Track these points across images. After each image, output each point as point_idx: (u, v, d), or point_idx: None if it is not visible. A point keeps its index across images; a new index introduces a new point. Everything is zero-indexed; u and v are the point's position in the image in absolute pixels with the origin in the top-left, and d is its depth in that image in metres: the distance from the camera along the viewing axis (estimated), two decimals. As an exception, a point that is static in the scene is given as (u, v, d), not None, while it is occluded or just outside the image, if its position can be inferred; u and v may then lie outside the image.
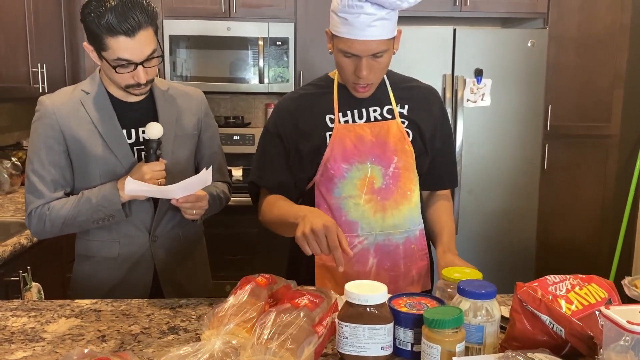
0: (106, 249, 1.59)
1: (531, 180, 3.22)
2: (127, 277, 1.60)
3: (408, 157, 1.50)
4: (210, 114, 1.73)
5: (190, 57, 3.38)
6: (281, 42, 3.38)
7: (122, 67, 1.42)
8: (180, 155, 1.61)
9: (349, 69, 1.42)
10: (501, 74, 3.09)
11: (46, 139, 1.51)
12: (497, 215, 3.21)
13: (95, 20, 1.36)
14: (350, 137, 1.48)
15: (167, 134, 1.54)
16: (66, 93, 1.55)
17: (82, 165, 1.53)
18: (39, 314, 1.34)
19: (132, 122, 1.56)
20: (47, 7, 2.98)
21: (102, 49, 1.41)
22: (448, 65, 3.07)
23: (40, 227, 1.52)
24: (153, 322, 1.29)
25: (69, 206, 1.50)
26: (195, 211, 1.49)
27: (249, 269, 3.48)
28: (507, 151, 3.18)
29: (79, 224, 1.52)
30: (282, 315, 1.06)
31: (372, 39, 1.36)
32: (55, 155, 1.51)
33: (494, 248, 3.23)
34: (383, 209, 1.49)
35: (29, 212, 1.52)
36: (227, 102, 3.88)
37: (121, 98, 1.56)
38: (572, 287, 1.09)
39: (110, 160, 1.52)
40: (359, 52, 1.37)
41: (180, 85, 1.70)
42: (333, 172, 1.48)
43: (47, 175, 1.51)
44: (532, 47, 3.08)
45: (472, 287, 1.08)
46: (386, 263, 1.51)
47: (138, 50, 1.40)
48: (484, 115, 3.11)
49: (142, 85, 1.47)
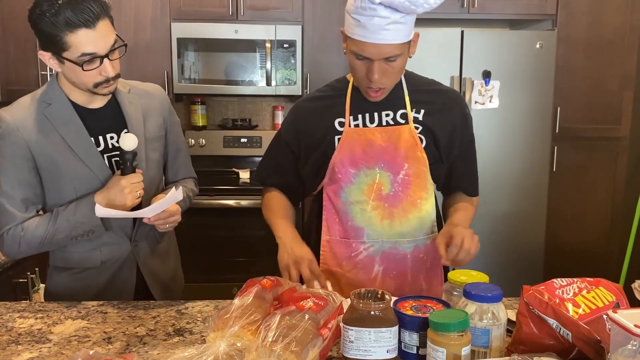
0: (87, 260, 1.53)
1: (540, 183, 3.20)
2: (111, 283, 1.56)
3: (420, 164, 1.46)
4: (172, 110, 1.67)
5: (198, 59, 3.39)
6: (288, 44, 3.39)
7: (88, 63, 1.35)
8: (152, 158, 1.57)
9: (361, 72, 1.39)
10: (509, 75, 3.08)
11: (13, 158, 1.42)
12: (505, 217, 3.19)
13: (51, 19, 1.29)
14: (359, 141, 1.45)
15: (139, 139, 1.48)
16: (25, 105, 1.46)
17: (54, 180, 1.47)
18: (45, 315, 1.34)
19: (99, 129, 1.50)
20: (57, 10, 3.00)
21: (62, 49, 1.33)
22: (456, 67, 3.06)
23: (14, 249, 1.46)
24: (159, 324, 1.29)
25: (45, 225, 1.43)
26: (168, 225, 1.47)
27: (256, 271, 3.47)
28: (516, 153, 3.16)
29: (57, 242, 1.46)
30: (286, 317, 1.05)
31: (385, 42, 1.31)
32: (24, 173, 1.43)
33: (502, 251, 3.21)
34: (390, 216, 1.46)
35: (0, 234, 1.44)
36: (235, 105, 3.88)
37: (84, 104, 1.49)
38: (580, 290, 1.08)
39: (84, 173, 1.46)
40: (371, 56, 1.34)
41: (140, 83, 1.64)
42: (340, 177, 1.46)
43: (17, 195, 1.43)
44: (540, 49, 3.07)
45: (478, 290, 1.08)
46: (392, 271, 1.49)
47: (101, 41, 1.34)
48: (492, 117, 3.10)
49: (110, 81, 1.41)
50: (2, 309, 1.38)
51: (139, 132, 1.52)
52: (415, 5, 1.28)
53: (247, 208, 3.27)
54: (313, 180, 1.54)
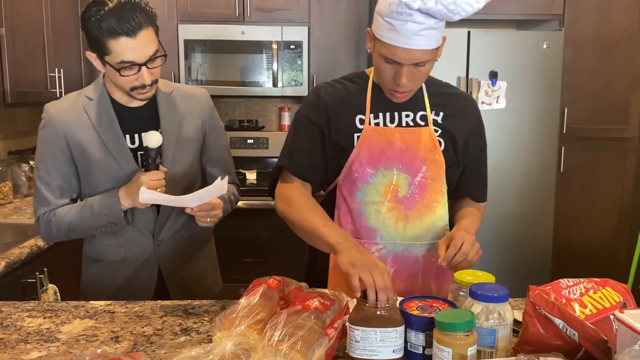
0: (112, 253, 1.61)
1: (547, 184, 3.19)
2: (133, 280, 1.61)
3: (438, 167, 1.45)
4: (215, 115, 1.71)
5: (205, 61, 3.40)
6: (295, 45, 3.39)
7: (126, 70, 1.42)
8: (183, 159, 1.61)
9: (388, 75, 1.36)
10: (516, 76, 3.07)
11: (51, 147, 1.53)
12: (512, 218, 3.18)
13: (96, 24, 1.37)
14: (379, 141, 1.43)
15: (169, 139, 1.55)
16: (70, 100, 1.56)
17: (86, 172, 1.55)
18: (54, 314, 1.35)
19: (134, 127, 1.57)
20: (64, 13, 3.03)
21: (104, 53, 1.41)
22: (462, 67, 3.05)
23: (48, 233, 1.56)
24: (166, 324, 1.30)
25: (73, 213, 1.52)
26: (209, 219, 1.50)
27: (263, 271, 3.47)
28: (523, 154, 3.15)
29: (82, 230, 1.55)
30: (292, 317, 1.06)
31: (417, 48, 1.29)
32: (59, 162, 1.53)
33: (509, 252, 3.20)
34: (405, 218, 1.44)
35: (37, 218, 1.56)
36: (241, 106, 3.90)
37: (125, 103, 1.56)
38: (586, 290, 1.08)
39: (112, 166, 1.53)
40: (401, 60, 1.31)
41: (185, 86, 1.70)
42: (357, 176, 1.43)
43: (53, 182, 1.53)
44: (547, 49, 3.06)
45: (484, 290, 1.07)
46: (403, 274, 1.47)
47: (140, 50, 1.40)
48: (499, 117, 3.09)
49: (146, 87, 1.47)
50: (11, 309, 1.39)
51: (171, 132, 1.57)
52: (452, 13, 1.26)
53: (254, 209, 3.28)
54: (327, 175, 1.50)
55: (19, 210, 2.60)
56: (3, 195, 2.71)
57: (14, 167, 2.85)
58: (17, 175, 2.86)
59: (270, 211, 3.35)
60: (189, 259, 1.68)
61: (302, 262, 1.65)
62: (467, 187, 1.57)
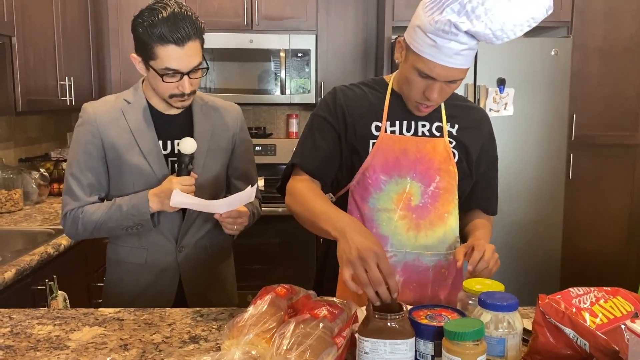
0: (134, 255, 1.63)
1: (556, 191, 3.17)
2: (153, 285, 1.63)
3: (451, 178, 1.45)
4: (245, 129, 1.76)
5: (213, 69, 3.42)
6: (303, 53, 3.41)
7: (169, 77, 1.46)
8: (212, 168, 1.64)
9: (419, 88, 1.36)
10: (524, 83, 3.06)
11: (86, 145, 1.56)
12: (521, 225, 3.16)
13: (148, 29, 1.41)
14: (394, 149, 1.43)
15: (201, 148, 1.58)
16: (109, 101, 1.61)
17: (117, 173, 1.58)
18: (63, 322, 1.36)
19: (169, 134, 1.60)
20: (75, 21, 3.06)
21: (150, 57, 1.45)
22: (470, 74, 3.05)
23: (73, 229, 1.58)
24: (174, 331, 1.30)
25: (101, 212, 1.54)
26: (236, 226, 1.53)
27: (271, 278, 3.47)
28: (531, 161, 3.14)
29: (108, 230, 1.57)
30: (301, 325, 1.06)
31: (456, 67, 1.30)
32: (93, 160, 1.56)
33: (518, 259, 3.19)
34: (417, 227, 1.44)
35: (64, 213, 1.58)
36: (249, 113, 3.91)
37: (162, 110, 1.61)
38: (597, 299, 1.07)
39: (145, 170, 1.56)
40: (438, 77, 1.32)
41: (219, 99, 1.74)
42: (370, 182, 1.43)
43: (84, 180, 1.56)
44: (555, 56, 3.05)
45: (494, 299, 1.07)
46: (412, 283, 1.46)
47: (186, 60, 1.44)
48: (507, 124, 3.08)
49: (185, 96, 1.51)
50: (21, 316, 1.40)
51: (203, 142, 1.61)
52: (497, 38, 1.26)
53: (262, 215, 3.27)
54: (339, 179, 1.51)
55: (29, 218, 2.62)
56: (14, 202, 2.73)
57: (24, 174, 2.88)
58: (27, 182, 2.88)
59: (278, 218, 3.38)
60: (209, 269, 1.70)
61: (310, 269, 1.66)
62: (478, 199, 1.58)
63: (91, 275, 2.45)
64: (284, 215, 3.31)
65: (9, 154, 3.02)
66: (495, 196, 1.61)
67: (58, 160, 3.20)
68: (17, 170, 2.84)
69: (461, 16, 1.24)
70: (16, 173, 2.79)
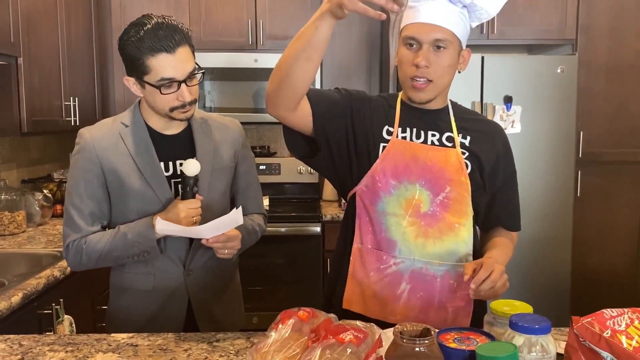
0: (141, 282, 1.57)
1: (564, 208, 3.15)
2: (162, 311, 1.58)
3: (463, 189, 1.43)
4: (247, 145, 1.72)
5: (218, 88, 3.41)
6: (307, 72, 3.40)
7: (166, 87, 1.43)
8: (217, 187, 1.61)
9: (408, 60, 1.38)
10: (531, 100, 3.06)
11: (85, 173, 1.51)
12: (530, 243, 3.13)
13: (136, 43, 1.39)
14: (405, 154, 1.42)
15: (205, 167, 1.54)
16: (105, 125, 1.56)
17: (120, 199, 1.54)
18: (75, 348, 1.32)
19: (170, 154, 1.56)
20: (80, 42, 3.05)
21: (144, 72, 1.42)
22: (477, 92, 3.05)
23: (77, 260, 1.52)
24: (191, 357, 1.26)
25: (105, 241, 1.49)
26: (227, 250, 1.49)
27: (275, 300, 3.43)
28: (539, 178, 3.12)
29: (114, 259, 1.52)
30: (327, 351, 1.02)
31: (435, 23, 1.35)
32: (93, 188, 1.52)
33: (527, 278, 3.15)
34: (425, 235, 1.42)
35: (66, 244, 1.52)
36: (253, 132, 3.90)
37: (160, 130, 1.56)
38: (631, 321, 1.04)
39: (147, 194, 1.52)
40: (420, 36, 1.35)
41: (218, 116, 1.71)
42: (380, 186, 1.42)
43: (85, 209, 1.51)
44: (561, 74, 3.05)
45: (526, 321, 1.04)
46: (419, 292, 1.44)
47: (180, 66, 1.42)
48: (514, 142, 2.98)
49: (186, 106, 1.47)
50: (31, 342, 1.36)
51: (207, 161, 1.56)
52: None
53: (267, 236, 3.23)
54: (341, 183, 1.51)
55: (32, 240, 2.57)
56: (17, 224, 2.69)
57: (27, 195, 2.84)
58: (30, 204, 2.84)
59: (283, 238, 3.34)
60: (217, 291, 1.66)
61: (316, 289, 1.62)
62: (498, 215, 1.55)
63: (97, 298, 2.40)
64: (288, 235, 3.27)
65: (12, 175, 2.99)
66: (517, 211, 1.58)
67: (61, 181, 3.16)
68: (21, 191, 2.80)
69: None
70: (19, 194, 2.75)
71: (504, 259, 1.44)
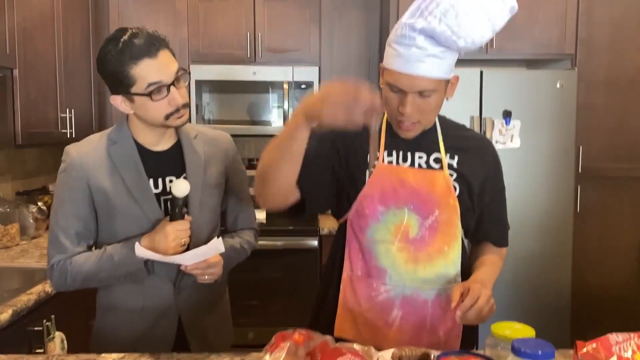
0: (130, 301, 1.53)
1: (564, 224, 3.12)
2: (151, 330, 1.54)
3: (452, 212, 1.41)
4: (238, 159, 1.69)
5: (216, 100, 3.40)
6: (306, 85, 3.39)
7: (157, 94, 1.39)
8: (208, 204, 1.57)
9: (393, 104, 1.35)
10: (530, 115, 3.04)
11: (71, 191, 1.47)
12: (529, 260, 3.10)
13: (116, 57, 1.36)
14: (391, 179, 1.40)
15: (195, 185, 1.51)
16: (92, 142, 1.52)
17: (107, 217, 1.49)
18: (64, 370, 1.28)
19: (159, 171, 1.52)
20: (76, 52, 3.03)
21: (129, 84, 1.39)
22: (476, 106, 3.03)
23: (61, 282, 1.48)
24: (183, 380, 1.22)
25: (91, 262, 1.45)
26: (207, 277, 1.47)
27: (271, 314, 3.39)
28: (538, 194, 3.09)
29: (100, 280, 1.48)
30: (323, 377, 0.98)
31: (419, 74, 1.28)
32: (80, 207, 1.47)
33: (526, 296, 3.11)
34: (415, 260, 1.40)
35: (50, 265, 1.48)
36: (251, 144, 3.88)
37: (149, 146, 1.52)
38: (638, 347, 1.00)
39: (136, 213, 1.48)
40: (404, 87, 1.30)
41: (209, 130, 1.67)
42: (368, 213, 1.40)
43: (71, 228, 1.47)
44: (561, 88, 3.04)
45: (528, 346, 1.00)
46: (411, 317, 1.42)
47: (164, 68, 1.39)
48: (513, 157, 3.05)
49: (180, 110, 1.44)
50: (18, 363, 1.32)
51: (197, 177, 1.53)
52: (457, 37, 1.25)
53: (263, 250, 3.20)
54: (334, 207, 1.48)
55: (26, 253, 2.53)
56: (10, 237, 2.65)
57: (22, 208, 2.80)
58: (24, 216, 2.80)
59: (279, 252, 3.30)
60: (208, 307, 1.62)
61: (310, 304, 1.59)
62: (485, 231, 1.53)
63: (90, 314, 2.32)
64: (285, 249, 3.24)
65: (6, 187, 2.95)
66: (505, 226, 1.57)
67: (56, 194, 3.12)
68: (15, 204, 2.76)
69: (416, 17, 1.27)
70: (13, 207, 2.71)
71: (490, 277, 1.43)
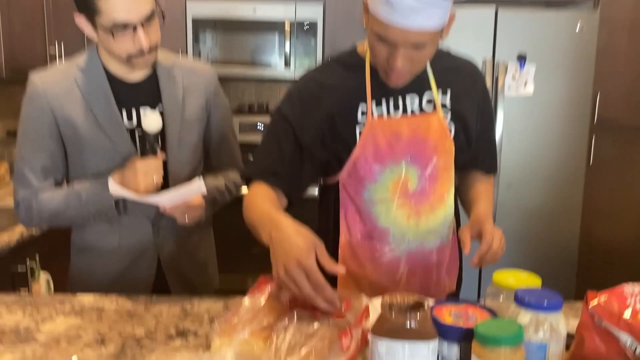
0: (105, 240, 1.45)
1: (575, 177, 2.99)
2: (129, 271, 1.47)
3: (448, 155, 1.31)
4: (220, 93, 1.55)
5: (214, 40, 3.24)
6: (309, 25, 3.22)
7: (119, 33, 1.26)
8: (187, 141, 1.46)
9: (382, 55, 1.19)
10: (546, 59, 2.86)
11: (36, 123, 1.37)
12: (537, 212, 3.00)
13: None
14: (384, 134, 1.27)
15: (174, 120, 1.41)
16: (59, 70, 1.40)
17: (76, 151, 1.40)
18: (35, 310, 1.20)
19: (132, 103, 1.40)
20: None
21: (94, 12, 1.25)
22: (489, 48, 2.85)
23: (28, 218, 1.41)
24: (160, 324, 1.15)
25: (58, 199, 1.37)
26: (187, 219, 1.38)
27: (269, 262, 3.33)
28: (551, 144, 2.95)
29: (69, 218, 1.40)
30: (304, 323, 0.90)
31: (413, 29, 1.11)
32: (45, 140, 1.37)
33: (533, 248, 3.03)
34: (417, 214, 1.31)
35: (16, 201, 1.40)
36: (251, 89, 3.74)
37: (122, 77, 1.40)
38: (656, 300, 0.91)
39: (105, 146, 1.38)
40: (395, 41, 1.13)
41: (188, 60, 1.54)
42: (363, 174, 1.29)
43: (37, 162, 1.38)
44: (580, 32, 2.85)
45: (534, 296, 0.91)
46: (417, 272, 1.36)
47: (134, 8, 1.25)
48: (526, 104, 2.90)
49: (145, 53, 1.31)
50: (-12, 302, 1.25)
51: (174, 110, 1.42)
52: None
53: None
54: (323, 172, 1.36)
55: (14, 193, 2.46)
56: (-1, 176, 2.58)
57: (11, 147, 2.72)
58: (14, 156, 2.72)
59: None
60: (190, 248, 1.54)
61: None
62: (476, 159, 1.44)
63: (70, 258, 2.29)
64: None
65: (-3, 126, 2.86)
66: (495, 153, 1.49)
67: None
68: (4, 143, 2.68)
69: None
70: (2, 146, 2.63)
71: (490, 209, 1.36)
